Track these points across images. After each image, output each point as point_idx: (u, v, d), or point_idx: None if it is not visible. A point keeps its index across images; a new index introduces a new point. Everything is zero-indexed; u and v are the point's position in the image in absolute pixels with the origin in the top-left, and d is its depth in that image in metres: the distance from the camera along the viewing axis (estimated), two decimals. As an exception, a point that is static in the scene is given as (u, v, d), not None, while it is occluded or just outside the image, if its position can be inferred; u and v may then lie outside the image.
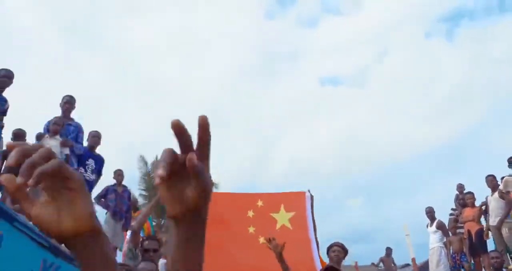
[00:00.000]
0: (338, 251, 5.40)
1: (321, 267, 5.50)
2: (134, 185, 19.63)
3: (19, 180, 0.53)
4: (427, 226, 9.81)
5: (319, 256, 5.74)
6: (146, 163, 21.02)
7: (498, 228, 8.12)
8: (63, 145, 6.15)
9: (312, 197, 6.25)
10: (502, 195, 8.03)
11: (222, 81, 39.51)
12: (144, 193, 19.93)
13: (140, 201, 17.27)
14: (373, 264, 12.73)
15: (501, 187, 8.10)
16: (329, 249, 5.57)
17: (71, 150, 6.31)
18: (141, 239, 5.03)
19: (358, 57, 42.12)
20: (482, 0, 43.59)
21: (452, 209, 9.85)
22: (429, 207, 9.87)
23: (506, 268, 7.45)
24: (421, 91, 36.51)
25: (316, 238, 5.89)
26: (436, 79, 37.60)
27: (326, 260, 5.66)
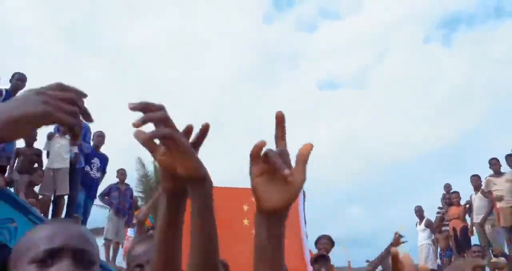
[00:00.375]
0: (326, 243, 5.89)
1: (310, 257, 5.92)
2: (131, 186, 19.92)
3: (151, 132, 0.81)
4: (416, 225, 10.27)
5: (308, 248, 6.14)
6: (143, 165, 21.37)
7: (481, 225, 8.57)
8: (72, 144, 6.56)
9: (304, 192, 6.66)
10: (485, 194, 8.48)
11: (222, 81, 39.79)
12: (141, 194, 20.25)
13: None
14: (367, 261, 12.95)
15: (483, 186, 8.55)
16: (317, 241, 6.04)
17: (79, 149, 6.72)
18: (146, 230, 5.43)
19: (357, 59, 42.53)
20: (480, 6, 44.14)
21: (439, 208, 10.30)
22: (418, 206, 10.34)
23: (488, 261, 7.87)
24: (421, 91, 36.84)
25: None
26: (436, 79, 37.95)
27: (315, 252, 6.09)
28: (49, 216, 6.32)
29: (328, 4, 44.14)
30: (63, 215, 6.47)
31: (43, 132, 6.65)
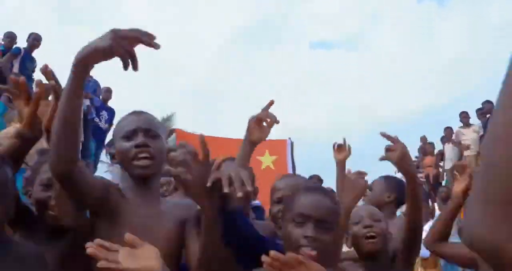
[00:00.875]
0: (316, 182, 6.82)
1: None
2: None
3: None
4: (395, 173, 11.24)
5: None
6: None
7: (451, 171, 9.54)
8: (84, 97, 7.29)
9: (292, 143, 7.51)
10: (455, 144, 9.42)
11: (215, 49, 39.96)
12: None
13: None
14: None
15: (453, 137, 9.49)
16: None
17: (90, 102, 7.48)
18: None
19: (350, 22, 42.60)
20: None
21: (415, 157, 11.25)
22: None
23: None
24: (416, 54, 37.26)
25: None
26: (432, 41, 38.26)
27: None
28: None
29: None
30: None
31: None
